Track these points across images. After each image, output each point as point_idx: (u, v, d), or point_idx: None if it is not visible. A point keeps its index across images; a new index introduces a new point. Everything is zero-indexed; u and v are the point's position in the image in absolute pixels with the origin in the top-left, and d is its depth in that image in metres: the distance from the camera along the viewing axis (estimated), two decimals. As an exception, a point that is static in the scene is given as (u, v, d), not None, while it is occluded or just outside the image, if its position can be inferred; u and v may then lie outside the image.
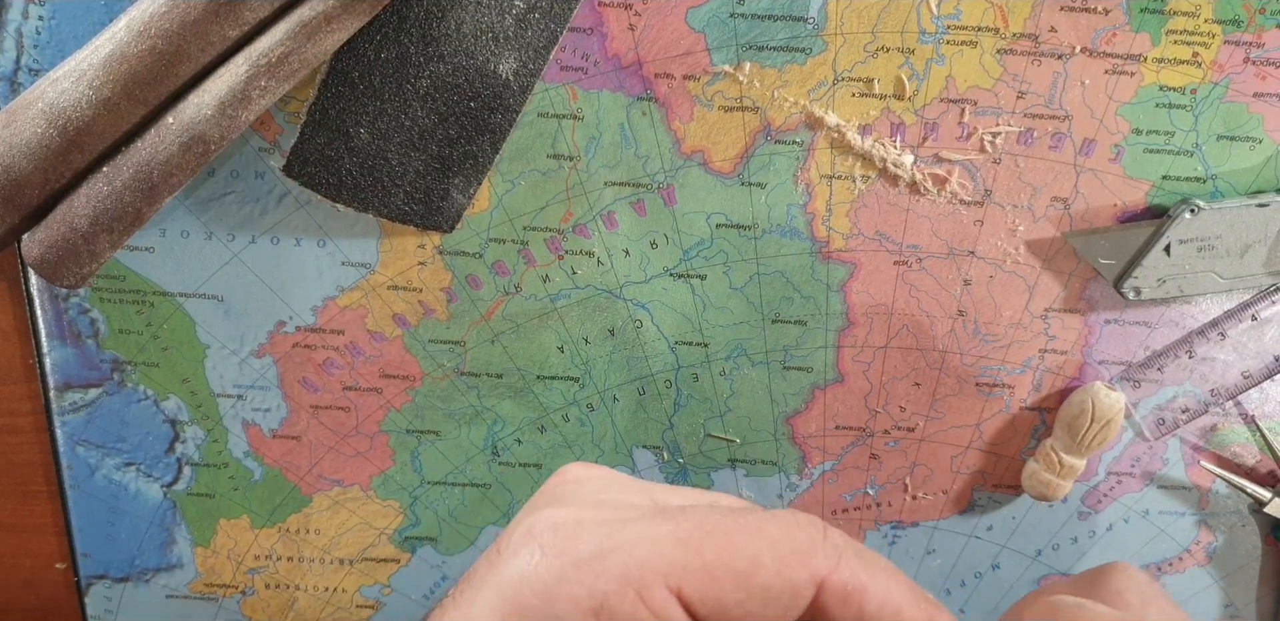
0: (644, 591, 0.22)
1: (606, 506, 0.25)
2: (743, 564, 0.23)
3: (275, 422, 0.43)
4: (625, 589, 0.22)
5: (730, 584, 0.23)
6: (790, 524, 0.24)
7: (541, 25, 0.36)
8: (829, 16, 0.37)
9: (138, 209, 0.36)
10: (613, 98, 0.38)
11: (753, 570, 0.23)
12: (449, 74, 0.37)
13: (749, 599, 0.23)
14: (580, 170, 0.39)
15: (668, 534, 0.23)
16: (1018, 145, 0.39)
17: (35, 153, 0.35)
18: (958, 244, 0.41)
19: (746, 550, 0.23)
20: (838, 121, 0.39)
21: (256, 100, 0.34)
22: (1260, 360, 0.42)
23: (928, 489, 0.45)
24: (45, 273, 0.37)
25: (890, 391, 0.43)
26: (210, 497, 0.44)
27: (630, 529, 0.23)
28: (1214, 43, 0.38)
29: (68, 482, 0.43)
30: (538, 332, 0.42)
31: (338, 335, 0.42)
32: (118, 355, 0.41)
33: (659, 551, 0.23)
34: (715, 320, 0.42)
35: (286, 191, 0.39)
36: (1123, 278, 0.40)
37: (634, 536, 0.23)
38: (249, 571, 0.46)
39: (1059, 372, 0.43)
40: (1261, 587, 0.47)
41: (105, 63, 0.34)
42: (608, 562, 0.23)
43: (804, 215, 0.40)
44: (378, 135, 0.37)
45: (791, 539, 0.23)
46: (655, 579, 0.22)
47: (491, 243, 0.40)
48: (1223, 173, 0.40)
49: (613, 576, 0.22)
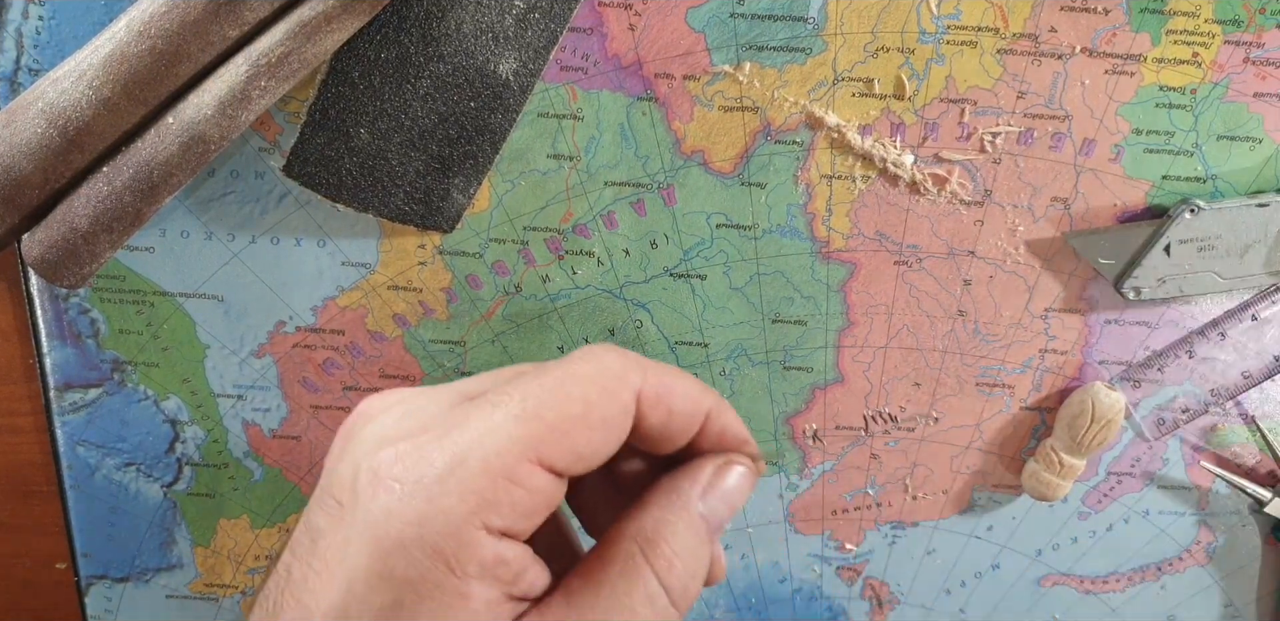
0: (513, 475, 0.23)
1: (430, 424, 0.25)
2: (578, 408, 0.24)
3: (275, 422, 0.43)
4: (495, 480, 0.23)
5: (578, 430, 0.24)
6: (593, 355, 0.26)
7: (541, 25, 0.36)
8: (829, 16, 0.37)
9: (138, 209, 0.36)
10: (613, 98, 0.38)
11: (588, 410, 0.24)
12: (449, 74, 0.37)
13: (595, 435, 0.25)
14: (580, 170, 0.39)
15: (504, 415, 0.24)
16: (1018, 145, 0.39)
17: (35, 153, 0.35)
18: (958, 244, 0.41)
19: (576, 395, 0.24)
20: (838, 121, 0.39)
21: (256, 100, 0.34)
22: (1260, 360, 0.42)
23: (928, 489, 0.45)
24: (45, 273, 0.37)
25: (890, 391, 0.43)
26: (210, 497, 0.44)
27: (468, 430, 0.24)
28: (1214, 43, 0.38)
29: (68, 482, 0.43)
30: (538, 332, 0.42)
31: (338, 335, 0.42)
32: (118, 355, 0.41)
33: (507, 434, 0.24)
34: (715, 320, 0.42)
35: (286, 191, 0.39)
36: (1123, 277, 0.40)
37: (476, 434, 0.24)
38: (249, 571, 0.46)
39: (1059, 372, 0.43)
40: (1261, 587, 0.47)
41: (105, 63, 0.34)
42: (468, 466, 0.23)
43: (804, 215, 0.40)
44: (378, 135, 0.37)
45: (603, 368, 0.25)
46: (516, 459, 0.23)
47: (491, 243, 0.40)
48: (1223, 173, 0.40)
49: (477, 475, 0.23)
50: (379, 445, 0.24)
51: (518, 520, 0.24)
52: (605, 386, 0.25)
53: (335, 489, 0.25)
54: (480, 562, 0.23)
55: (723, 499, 0.28)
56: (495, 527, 0.23)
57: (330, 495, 0.25)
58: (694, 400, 0.27)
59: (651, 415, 0.26)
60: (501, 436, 0.24)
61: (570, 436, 0.24)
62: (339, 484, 0.25)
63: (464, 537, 0.23)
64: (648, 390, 0.26)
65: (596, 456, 0.25)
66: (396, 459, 0.24)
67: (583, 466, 0.25)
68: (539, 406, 0.24)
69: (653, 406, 0.26)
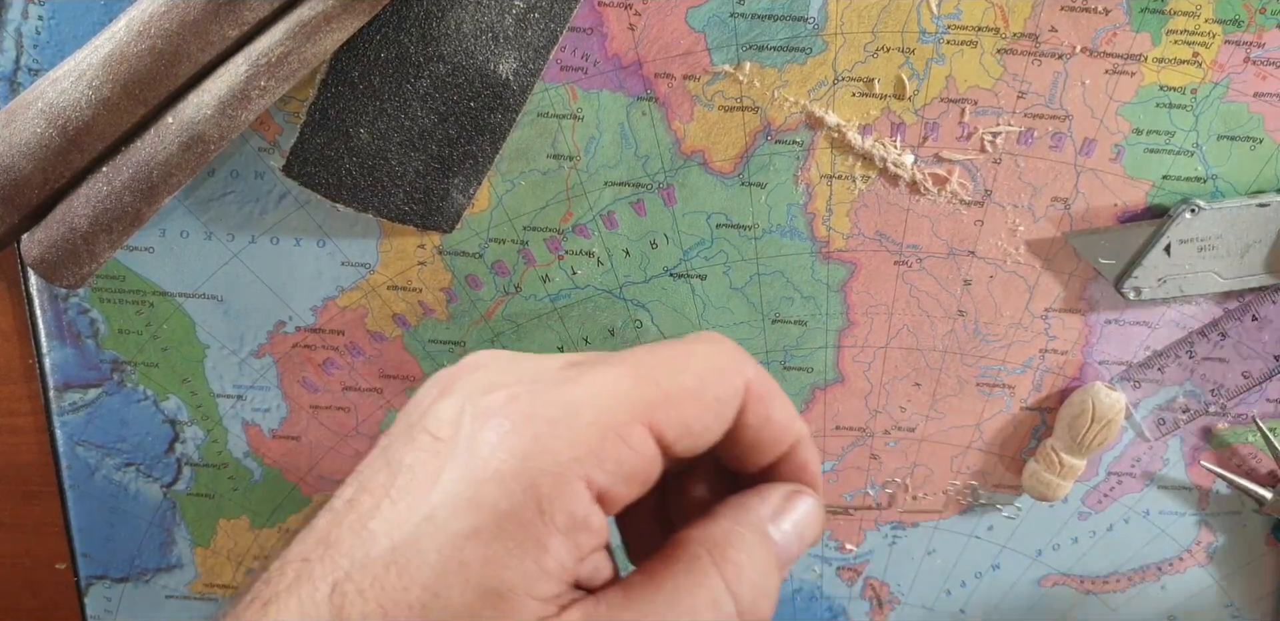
0: (623, 431, 0.23)
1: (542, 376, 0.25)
2: (694, 383, 0.24)
3: (275, 423, 0.43)
4: (605, 434, 0.23)
5: (690, 403, 0.24)
6: (709, 339, 0.26)
7: (541, 25, 0.36)
8: (829, 16, 0.37)
9: (137, 209, 0.36)
10: (613, 98, 0.38)
11: (703, 386, 0.24)
12: (449, 74, 0.37)
13: (706, 412, 0.24)
14: (580, 170, 0.39)
15: (622, 375, 0.24)
16: (1018, 145, 0.39)
17: (35, 153, 0.35)
18: (958, 244, 0.41)
19: (692, 369, 0.25)
20: (838, 121, 0.39)
21: (256, 100, 0.34)
22: (1260, 360, 0.42)
23: (928, 489, 0.45)
24: (45, 273, 0.37)
25: (890, 391, 0.43)
26: (210, 498, 0.44)
27: (583, 384, 0.24)
28: (1214, 43, 0.38)
29: (68, 482, 0.43)
30: (538, 332, 0.42)
31: (338, 335, 0.42)
32: (117, 355, 0.41)
33: (623, 393, 0.24)
34: (715, 320, 0.42)
35: (286, 191, 0.39)
36: (1123, 277, 0.40)
37: (594, 387, 0.24)
38: (249, 571, 0.45)
39: (1059, 372, 0.43)
40: (1262, 587, 0.47)
41: (105, 62, 0.34)
42: (581, 416, 0.23)
43: (804, 215, 0.40)
44: (378, 135, 0.37)
45: (719, 351, 0.26)
46: (629, 418, 0.23)
47: (491, 243, 0.40)
48: (1223, 173, 0.39)
49: (590, 426, 0.23)
50: (489, 388, 0.24)
51: (617, 482, 0.23)
52: (721, 366, 0.25)
53: (433, 425, 0.24)
54: (570, 514, 0.22)
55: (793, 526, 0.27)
56: (595, 483, 0.23)
57: (427, 431, 0.24)
58: (791, 416, 0.27)
59: (752, 413, 0.26)
60: (617, 394, 0.24)
61: (682, 407, 0.24)
62: (439, 421, 0.24)
63: (563, 482, 0.22)
64: (755, 384, 0.25)
65: (703, 435, 0.25)
66: (509, 399, 0.23)
67: (688, 444, 0.24)
68: (655, 373, 0.24)
69: (757, 402, 0.26)
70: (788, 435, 0.27)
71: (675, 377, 0.24)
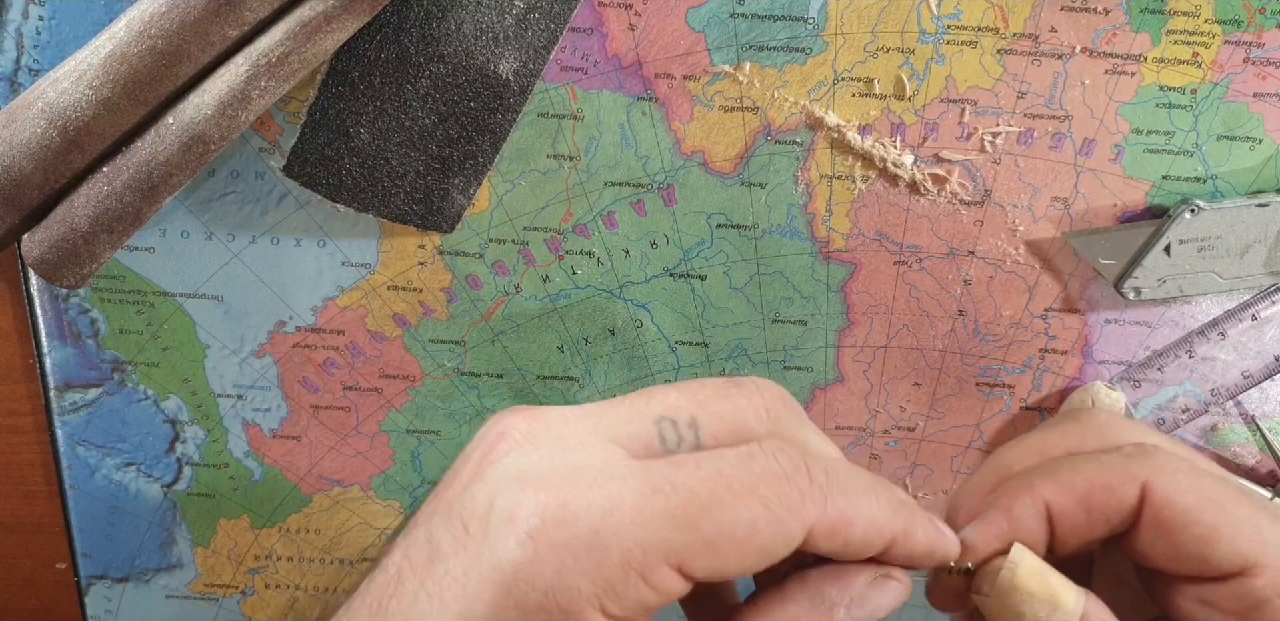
0: (648, 574, 0.22)
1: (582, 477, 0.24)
2: (741, 532, 0.23)
3: (275, 423, 0.43)
4: (628, 574, 0.22)
5: (731, 553, 0.23)
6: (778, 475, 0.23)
7: (541, 25, 0.36)
8: (829, 17, 0.37)
9: (138, 209, 0.36)
10: (613, 98, 0.38)
11: (750, 536, 0.23)
12: (449, 74, 0.37)
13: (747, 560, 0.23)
14: (580, 170, 0.39)
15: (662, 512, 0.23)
16: (1018, 145, 0.39)
17: (35, 153, 0.35)
18: (958, 244, 0.41)
19: (743, 517, 0.23)
20: (838, 121, 0.39)
21: (256, 100, 0.34)
22: (1260, 360, 0.42)
23: (928, 489, 0.45)
24: (45, 273, 0.37)
25: (890, 391, 0.43)
26: (210, 498, 0.44)
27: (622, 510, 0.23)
28: (1214, 43, 0.38)
29: (68, 482, 0.43)
30: (538, 332, 0.42)
31: (338, 335, 0.42)
32: (118, 355, 0.41)
33: (658, 533, 0.22)
34: (715, 320, 0.42)
35: (286, 191, 0.39)
36: (1123, 277, 0.40)
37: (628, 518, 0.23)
38: (249, 571, 0.46)
39: (1059, 373, 0.43)
40: (1261, 587, 0.47)
41: (105, 63, 0.34)
42: (608, 551, 0.22)
43: (804, 215, 0.40)
44: (378, 135, 0.37)
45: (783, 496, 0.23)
46: (657, 561, 0.22)
47: (491, 243, 0.40)
48: (1223, 173, 0.39)
49: (614, 565, 0.22)
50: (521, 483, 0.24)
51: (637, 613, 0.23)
52: (777, 518, 0.23)
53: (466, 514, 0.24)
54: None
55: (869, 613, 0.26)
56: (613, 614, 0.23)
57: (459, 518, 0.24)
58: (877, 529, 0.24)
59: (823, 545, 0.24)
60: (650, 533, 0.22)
61: (721, 555, 0.23)
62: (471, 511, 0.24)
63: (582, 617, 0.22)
64: (823, 524, 0.23)
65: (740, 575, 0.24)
66: (538, 510, 0.23)
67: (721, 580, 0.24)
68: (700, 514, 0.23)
69: (826, 538, 0.24)
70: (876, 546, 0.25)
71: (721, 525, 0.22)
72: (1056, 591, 0.26)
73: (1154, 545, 0.26)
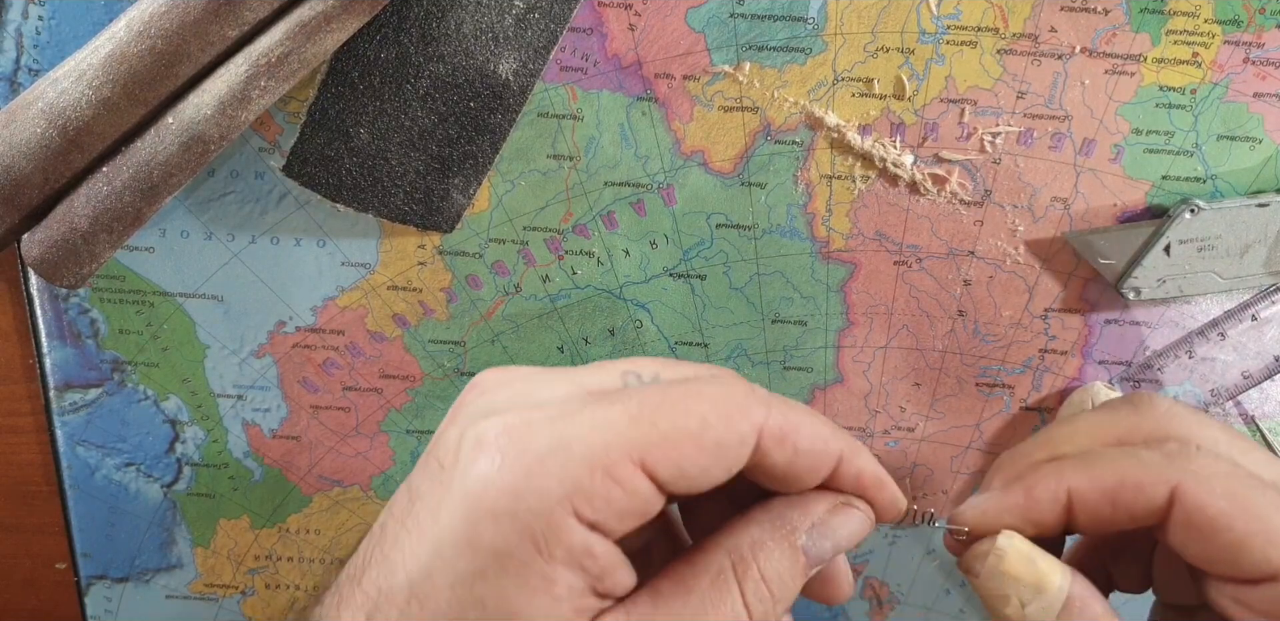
0: (612, 470, 0.23)
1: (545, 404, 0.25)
2: (694, 425, 0.24)
3: (275, 423, 0.43)
4: (594, 471, 0.23)
5: (688, 446, 0.24)
6: (722, 381, 0.26)
7: (541, 25, 0.36)
8: (829, 17, 0.37)
9: (138, 209, 0.36)
10: (613, 98, 0.38)
11: (704, 429, 0.24)
12: (449, 74, 0.37)
13: (704, 456, 0.24)
14: (580, 170, 0.39)
15: (619, 413, 0.24)
16: (1017, 145, 0.39)
17: (35, 153, 0.35)
18: (958, 244, 0.41)
19: (694, 412, 0.24)
20: (838, 121, 0.39)
21: (256, 100, 0.34)
22: (1260, 360, 0.42)
23: (928, 489, 0.45)
24: (45, 273, 0.37)
25: (890, 391, 0.43)
26: (210, 498, 0.44)
27: (582, 417, 0.24)
28: (1214, 43, 0.38)
29: (68, 482, 0.43)
30: (538, 333, 0.42)
31: (338, 335, 0.42)
32: (118, 355, 0.41)
33: (617, 431, 0.24)
34: (715, 320, 0.42)
35: (286, 191, 0.39)
36: (1123, 278, 0.40)
37: (588, 423, 0.24)
38: (249, 572, 0.46)
39: (1059, 373, 0.43)
40: (1261, 588, 0.47)
41: (105, 63, 0.34)
42: (572, 451, 0.23)
43: (804, 215, 0.40)
44: (378, 135, 0.37)
45: (729, 395, 0.25)
46: (620, 456, 0.23)
47: (491, 243, 0.40)
48: (1223, 173, 0.40)
49: (579, 462, 0.23)
50: (487, 415, 0.25)
51: (609, 517, 0.23)
52: (726, 412, 0.25)
53: (440, 452, 0.25)
54: (568, 548, 0.23)
55: (830, 538, 0.27)
56: (586, 517, 0.23)
57: (435, 458, 0.25)
58: (823, 440, 0.26)
59: (775, 453, 0.25)
60: (610, 430, 0.24)
61: (678, 449, 0.24)
62: (444, 448, 0.25)
63: (554, 519, 0.23)
64: (772, 427, 0.25)
65: (702, 478, 0.25)
66: (503, 430, 0.24)
67: (686, 485, 0.24)
68: (655, 412, 0.24)
69: (776, 443, 0.25)
70: (824, 459, 0.27)
71: (675, 419, 0.24)
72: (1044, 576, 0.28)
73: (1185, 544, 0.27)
